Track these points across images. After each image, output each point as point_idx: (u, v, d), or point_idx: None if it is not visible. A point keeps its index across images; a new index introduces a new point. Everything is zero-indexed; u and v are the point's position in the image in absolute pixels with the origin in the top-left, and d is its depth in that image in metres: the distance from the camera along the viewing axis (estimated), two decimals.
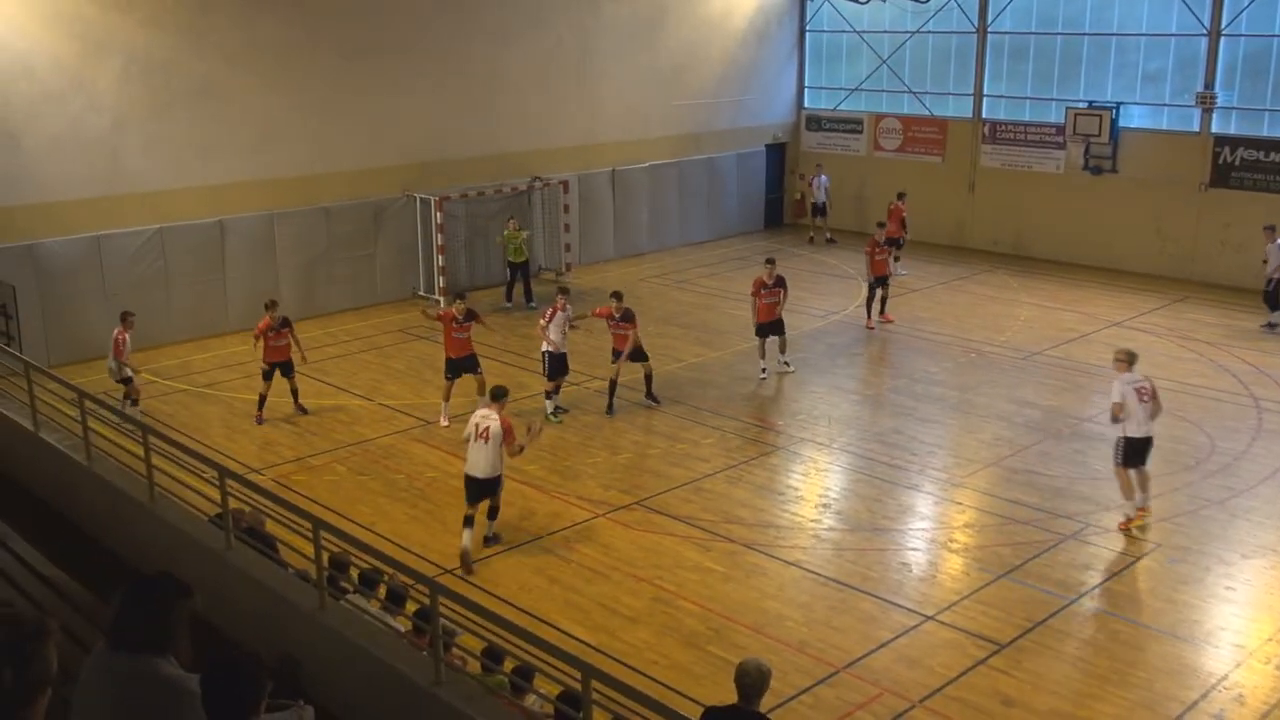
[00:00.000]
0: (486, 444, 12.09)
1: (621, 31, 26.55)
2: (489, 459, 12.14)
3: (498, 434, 12.07)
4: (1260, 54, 23.73)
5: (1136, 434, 12.83)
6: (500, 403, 12.40)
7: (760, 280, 18.37)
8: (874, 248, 21.10)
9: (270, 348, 16.42)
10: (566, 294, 17.30)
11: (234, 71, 20.57)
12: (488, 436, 12.08)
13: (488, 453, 12.11)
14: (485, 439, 12.09)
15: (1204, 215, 24.48)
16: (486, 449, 12.10)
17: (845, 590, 11.83)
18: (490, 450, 12.10)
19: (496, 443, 12.08)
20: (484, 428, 12.10)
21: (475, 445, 12.18)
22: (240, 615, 8.37)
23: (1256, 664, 10.49)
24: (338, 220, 22.33)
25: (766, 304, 18.24)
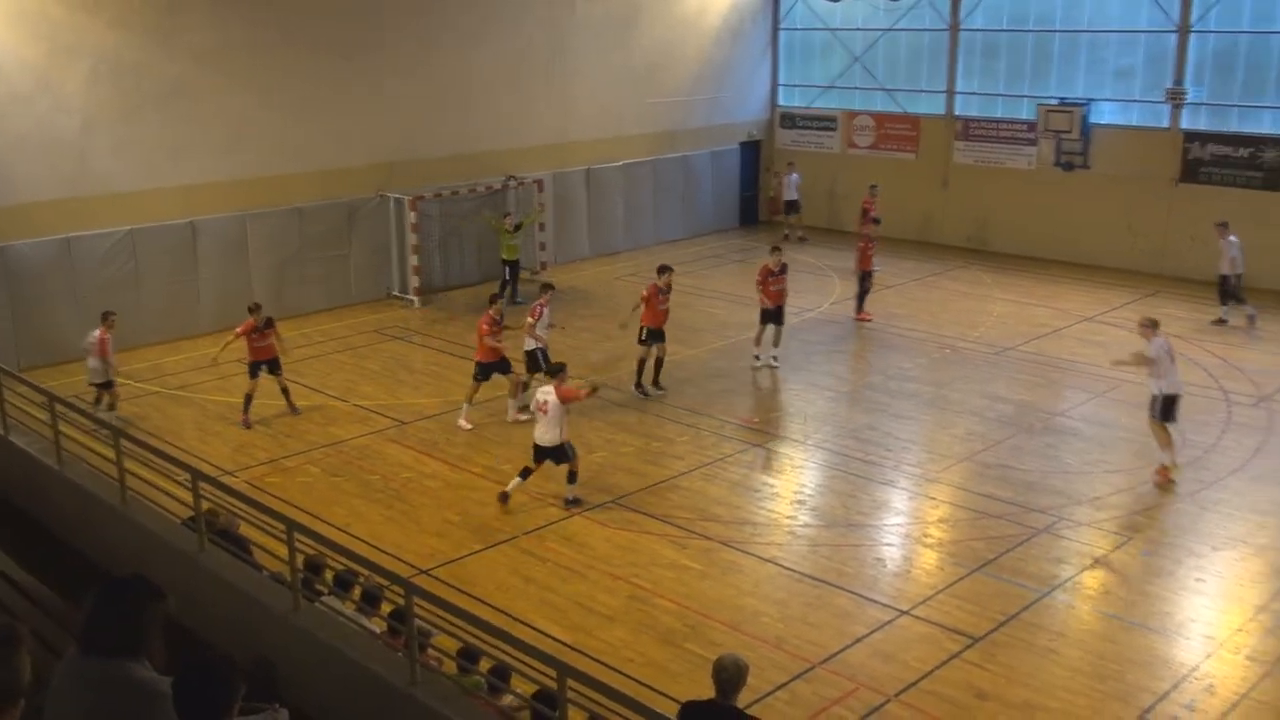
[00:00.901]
0: (546, 415, 13.33)
1: (595, 29, 26.54)
2: (551, 429, 13.35)
3: (556, 405, 13.28)
4: (1228, 50, 23.95)
5: (1171, 390, 14.19)
6: (559, 377, 13.60)
7: (767, 268, 18.70)
8: (867, 242, 21.46)
9: (254, 348, 16.42)
10: (551, 289, 17.40)
11: (205, 72, 20.44)
12: (547, 409, 13.32)
13: (549, 424, 13.34)
14: (545, 411, 13.34)
15: (1174, 210, 24.68)
16: (547, 420, 13.34)
17: (821, 586, 11.88)
18: (551, 421, 13.32)
19: (556, 413, 13.28)
20: (543, 401, 13.39)
21: (539, 417, 13.47)
22: (214, 618, 8.34)
23: (1226, 654, 10.60)
24: (311, 220, 22.23)
25: (775, 290, 18.60)
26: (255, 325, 16.36)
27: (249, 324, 16.38)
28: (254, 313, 16.49)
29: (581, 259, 26.61)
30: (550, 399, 13.35)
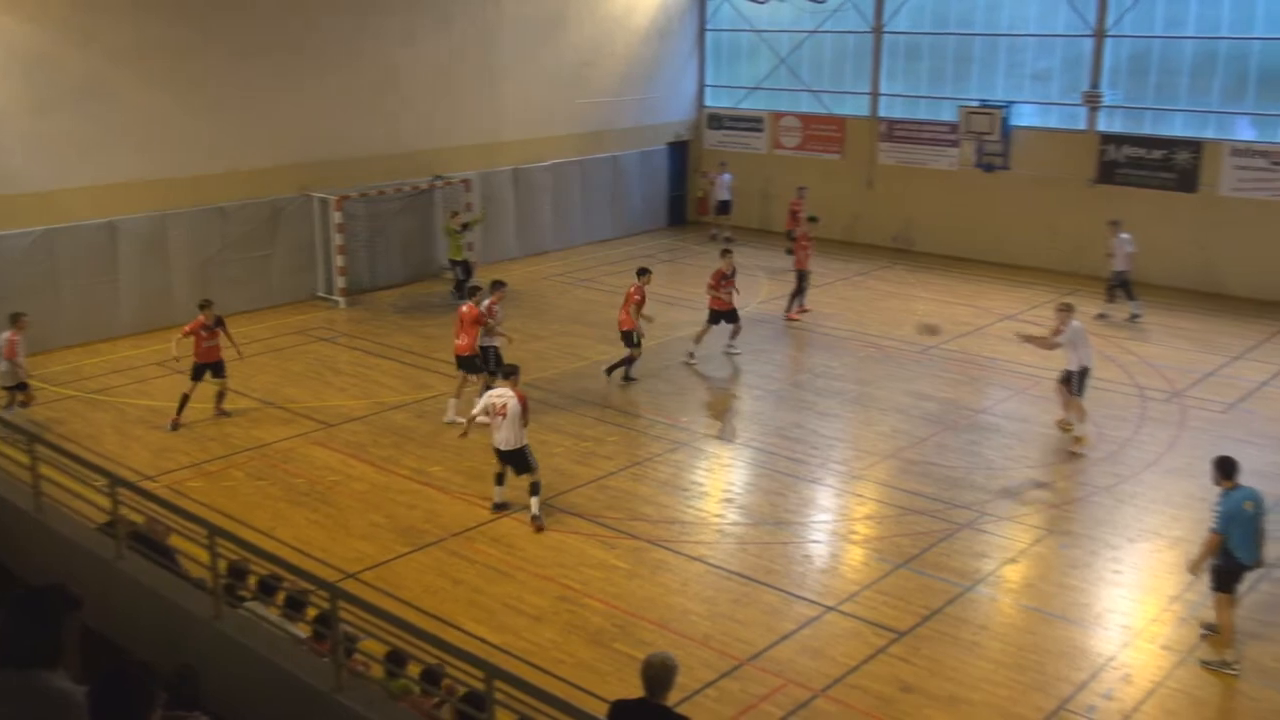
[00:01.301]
0: (505, 419, 12.98)
1: (524, 29, 26.46)
2: (512, 432, 13.04)
3: (515, 409, 12.96)
4: (1142, 54, 24.55)
5: (1086, 364, 15.40)
6: (514, 379, 13.30)
7: (721, 271, 19.07)
8: (806, 240, 21.92)
9: (203, 348, 16.15)
10: (503, 286, 17.39)
11: (123, 69, 20.04)
12: (505, 413, 12.96)
13: (508, 427, 13.02)
14: (504, 415, 12.97)
15: (1091, 210, 25.21)
16: (506, 424, 13.00)
17: (749, 584, 11.98)
18: (510, 424, 13.00)
19: (515, 417, 12.97)
20: (501, 405, 12.98)
21: (495, 421, 13.07)
22: (134, 626, 8.19)
23: (1143, 644, 10.88)
24: (233, 221, 21.88)
25: (727, 294, 19.06)
26: (205, 323, 16.12)
27: (199, 321, 16.14)
28: (204, 310, 16.23)
29: (510, 259, 26.51)
30: (510, 401, 13.00)
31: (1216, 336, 20.75)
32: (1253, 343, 20.34)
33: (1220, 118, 23.80)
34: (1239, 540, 10.30)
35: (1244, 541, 10.31)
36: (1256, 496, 10.44)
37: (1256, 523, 10.37)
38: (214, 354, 16.30)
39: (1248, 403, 17.24)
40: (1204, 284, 23.80)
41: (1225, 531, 10.27)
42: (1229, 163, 23.44)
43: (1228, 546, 10.33)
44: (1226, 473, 10.44)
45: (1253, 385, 18.06)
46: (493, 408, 13.09)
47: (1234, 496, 10.34)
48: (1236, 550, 10.32)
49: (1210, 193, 23.69)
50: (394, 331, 21.15)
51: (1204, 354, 19.66)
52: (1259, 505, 10.40)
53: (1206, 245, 23.84)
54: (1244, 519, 10.30)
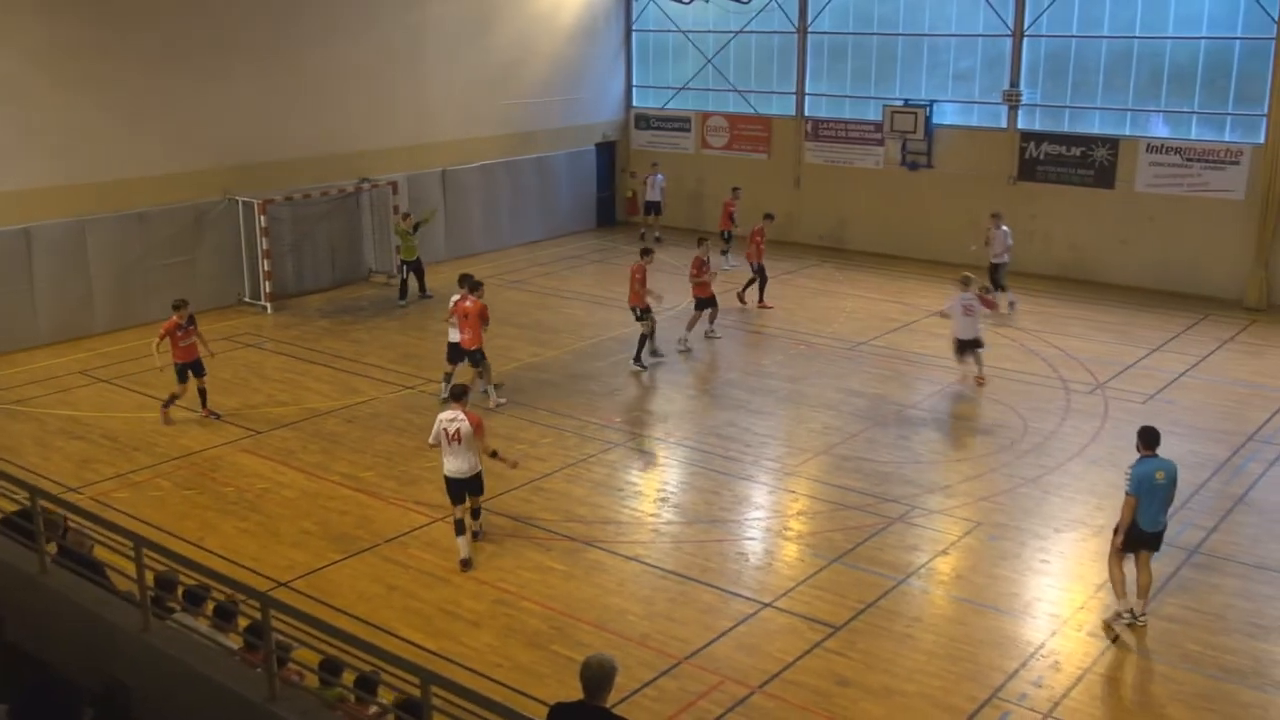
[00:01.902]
0: (460, 444, 12.05)
1: (449, 29, 26.29)
2: (466, 459, 12.14)
3: (469, 432, 12.04)
4: (1060, 54, 25.05)
5: (963, 335, 17.57)
6: (463, 401, 12.27)
7: (699, 258, 19.75)
8: (759, 235, 22.45)
9: (179, 348, 16.02)
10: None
11: (36, 72, 19.56)
12: (460, 437, 12.02)
13: (462, 453, 12.10)
14: (458, 440, 12.03)
15: (1013, 207, 25.64)
16: (461, 449, 12.07)
17: (685, 582, 12.02)
18: (465, 450, 12.09)
19: (469, 441, 12.07)
20: (454, 430, 12.02)
21: (449, 448, 12.10)
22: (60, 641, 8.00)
23: (1070, 631, 11.10)
24: (154, 226, 21.45)
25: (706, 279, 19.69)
26: (179, 323, 15.92)
27: (172, 322, 15.96)
28: (178, 310, 16.06)
29: (440, 261, 26.30)
30: (462, 426, 12.03)
31: (1136, 329, 21.23)
32: (1171, 334, 20.85)
33: (1135, 115, 24.36)
34: (1144, 506, 10.87)
35: (1147, 508, 10.89)
36: (1169, 469, 11.01)
37: (1163, 493, 10.96)
38: (192, 353, 16.19)
39: (1167, 393, 17.67)
40: (1122, 278, 24.35)
41: (1136, 494, 10.81)
42: (1144, 159, 24.01)
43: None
44: (1147, 442, 11.03)
45: (1171, 376, 18.51)
46: (444, 434, 12.09)
47: (1148, 464, 10.91)
48: (1139, 515, 10.89)
49: (1127, 188, 24.24)
50: (322, 336, 20.90)
51: (1125, 346, 20.11)
52: (1169, 477, 10.98)
53: (1127, 240, 24.39)
54: (1152, 486, 10.86)
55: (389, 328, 21.47)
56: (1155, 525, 11.00)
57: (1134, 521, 10.91)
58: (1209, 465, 14.90)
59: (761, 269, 22.57)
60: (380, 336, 20.85)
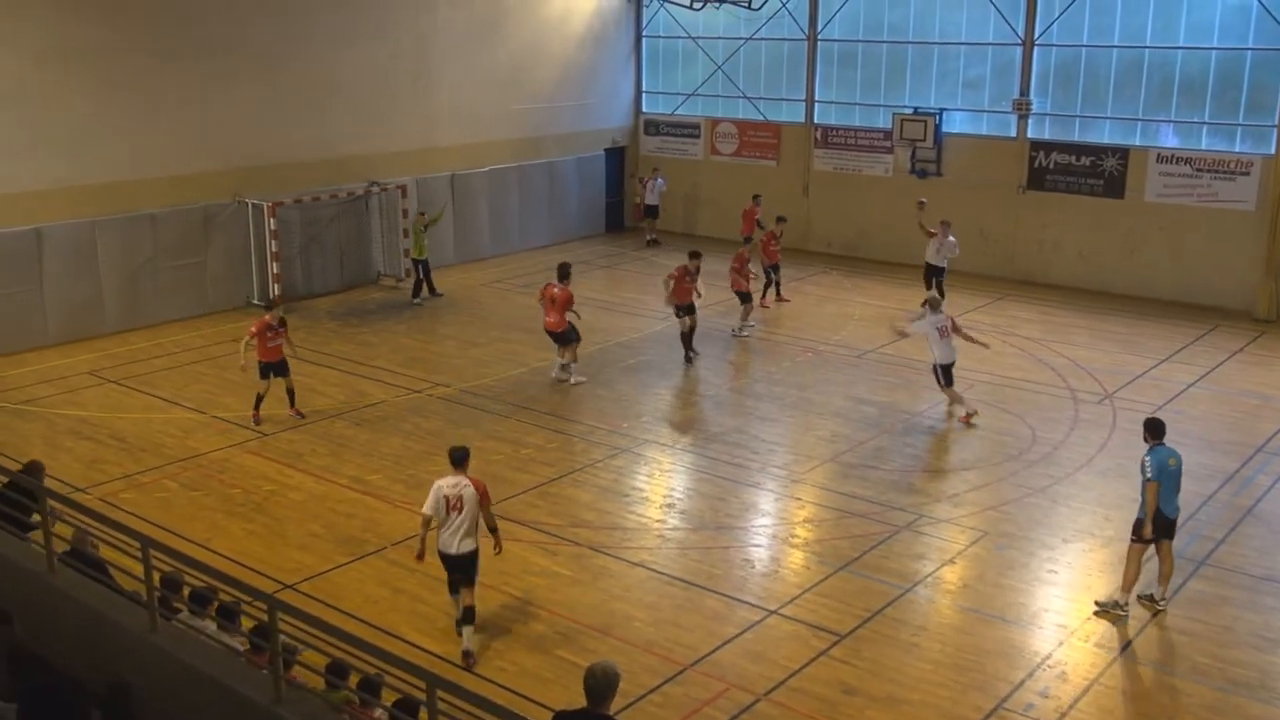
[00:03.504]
0: (460, 514, 10.43)
1: (459, 34, 26.33)
2: (464, 536, 10.50)
3: (473, 499, 10.45)
4: (1070, 63, 25.01)
5: (945, 360, 16.60)
6: (464, 467, 10.68)
7: (743, 255, 21.04)
8: (770, 239, 22.98)
9: (266, 348, 16.12)
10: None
11: (48, 73, 19.62)
12: (461, 506, 10.43)
13: (463, 528, 10.48)
14: (459, 509, 10.43)
15: (1022, 216, 25.68)
16: (460, 520, 10.45)
17: (691, 589, 12.00)
18: (465, 523, 10.47)
19: (473, 509, 10.47)
20: (456, 497, 10.42)
21: (449, 517, 10.46)
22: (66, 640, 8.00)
23: (1078, 642, 11.06)
24: (164, 227, 21.50)
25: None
26: (270, 324, 16.06)
27: (263, 322, 16.11)
28: (270, 310, 16.27)
29: (447, 265, 26.33)
30: (465, 493, 10.43)
31: (1145, 339, 21.18)
32: (1180, 345, 20.79)
33: (1145, 125, 24.32)
34: (1163, 492, 11.19)
35: (1166, 494, 11.23)
36: (1178, 456, 11.39)
37: (1177, 479, 11.32)
38: (277, 353, 16.27)
39: (1176, 404, 17.60)
40: (1132, 288, 24.29)
41: (1159, 479, 11.10)
42: (1154, 169, 23.95)
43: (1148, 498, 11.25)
44: (1156, 433, 11.37)
45: (1180, 387, 18.46)
46: (444, 501, 10.46)
47: (1161, 451, 11.26)
48: (1160, 502, 11.20)
49: (1137, 198, 24.20)
50: (330, 339, 20.92)
51: (1133, 357, 20.06)
52: (1179, 463, 11.35)
53: (1135, 250, 24.35)
54: (1169, 473, 11.20)
55: (397, 331, 21.48)
56: (1174, 510, 11.36)
57: (1157, 509, 11.16)
58: (1218, 477, 14.84)
59: (775, 268, 23.25)
60: (389, 340, 20.86)
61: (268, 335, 16.16)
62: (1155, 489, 11.10)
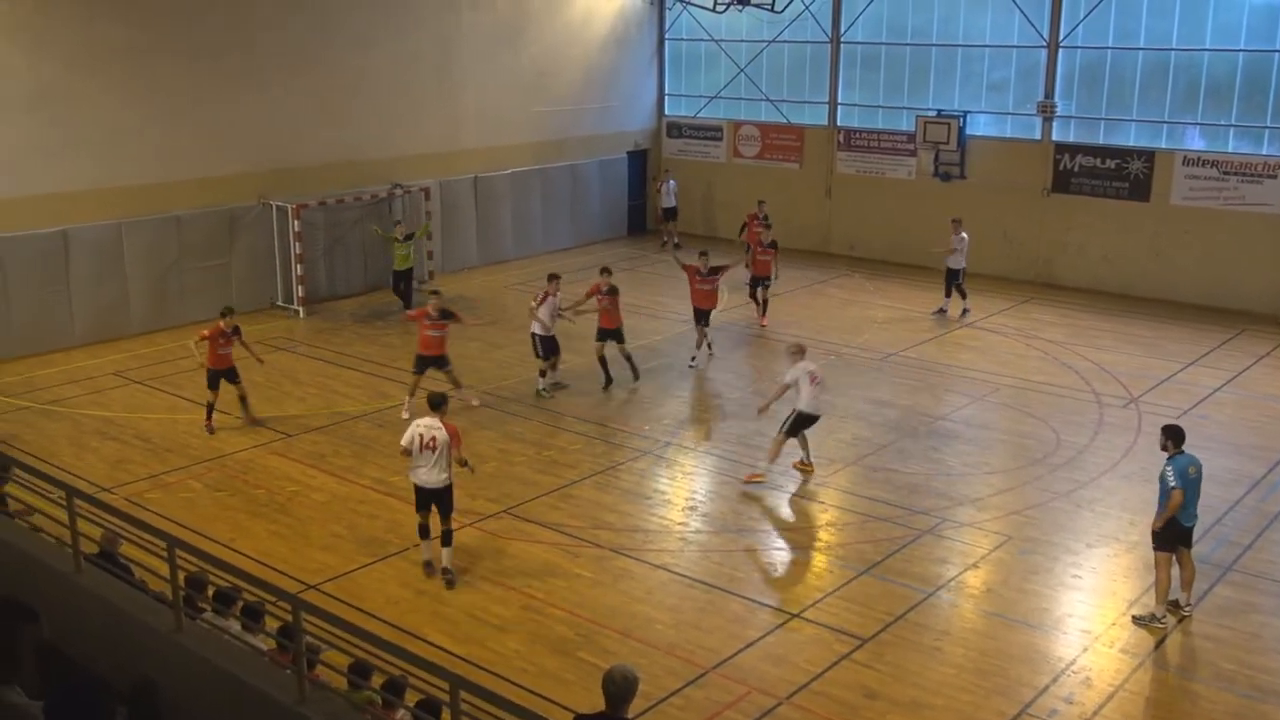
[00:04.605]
0: (435, 453, 11.84)
1: (483, 37, 26.41)
2: (437, 470, 11.91)
3: (445, 442, 11.86)
4: (1095, 65, 24.88)
5: (809, 410, 14.79)
6: (441, 410, 12.06)
7: (695, 268, 19.57)
8: (759, 248, 22.10)
9: (217, 354, 16.09)
10: (557, 279, 18.03)
11: (76, 76, 19.80)
12: (435, 446, 11.84)
13: (436, 463, 11.88)
14: (433, 448, 11.84)
15: (1046, 219, 25.55)
16: (434, 458, 11.86)
17: (713, 591, 11.98)
18: (439, 460, 11.89)
19: (445, 450, 11.87)
20: (430, 437, 11.84)
21: (423, 455, 11.88)
22: (92, 639, 8.05)
23: (1102, 648, 10.99)
24: (189, 229, 21.64)
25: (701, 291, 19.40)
26: (223, 330, 16.04)
27: (217, 328, 16.07)
28: (225, 317, 16.19)
29: (470, 268, 26.43)
30: (438, 434, 11.87)
31: (1170, 343, 21.03)
32: (1205, 349, 20.64)
33: (1171, 128, 24.16)
34: (1183, 501, 11.10)
35: (1186, 503, 11.16)
36: (1198, 463, 11.33)
37: (1197, 487, 11.27)
38: (227, 361, 16.23)
39: (1201, 408, 17.48)
40: (1157, 291, 24.14)
41: (1183, 487, 11.02)
42: (1180, 172, 23.80)
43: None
44: (1176, 440, 11.29)
45: (1206, 391, 18.32)
46: (418, 439, 11.86)
47: (1181, 460, 11.19)
48: (1179, 511, 11.13)
49: (1163, 201, 24.03)
50: (354, 341, 21.01)
51: (1159, 360, 19.93)
52: (1199, 471, 11.28)
53: (1161, 253, 24.19)
54: (1189, 481, 11.13)
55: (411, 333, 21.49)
56: (1191, 519, 11.31)
57: (1174, 519, 11.11)
58: (1244, 482, 14.72)
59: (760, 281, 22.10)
60: (411, 341, 20.82)
61: (219, 342, 16.08)
62: (1180, 497, 11.02)
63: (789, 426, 14.72)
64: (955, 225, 22.72)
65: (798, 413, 14.72)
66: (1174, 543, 11.26)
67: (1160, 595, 11.33)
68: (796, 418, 14.71)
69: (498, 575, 12.23)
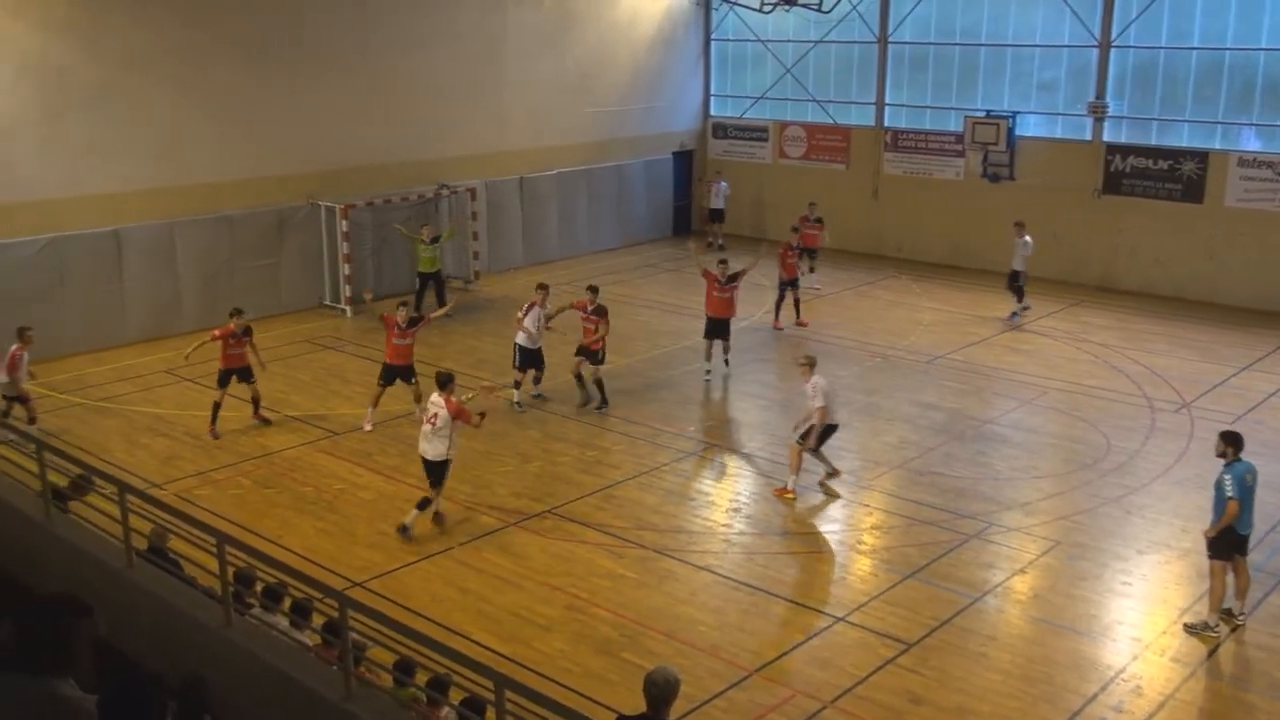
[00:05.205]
0: (433, 429, 12.82)
1: (528, 38, 26.50)
2: (437, 443, 12.88)
3: (445, 419, 12.74)
4: (1148, 65, 24.55)
5: (834, 420, 14.33)
6: (447, 390, 12.90)
7: (714, 276, 18.66)
8: (786, 251, 21.80)
9: (228, 355, 16.21)
10: (545, 290, 17.70)
11: (131, 76, 20.08)
12: (435, 422, 12.80)
13: (435, 437, 12.86)
14: (433, 424, 12.82)
15: (1097, 221, 25.23)
16: (434, 432, 12.84)
17: (757, 594, 11.94)
18: (439, 434, 12.82)
19: (444, 427, 12.76)
20: (432, 414, 12.89)
21: (424, 430, 12.99)
22: (144, 634, 8.16)
23: (1152, 656, 10.83)
24: (240, 229, 21.90)
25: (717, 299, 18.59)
26: (233, 331, 16.16)
27: (227, 329, 16.19)
28: (234, 318, 16.30)
29: (515, 268, 26.52)
30: (440, 411, 12.80)
31: (1223, 347, 20.70)
32: (1260, 353, 20.29)
33: (1226, 128, 23.79)
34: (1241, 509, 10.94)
35: (1243, 512, 10.98)
36: (1255, 470, 11.18)
37: (1254, 495, 11.11)
38: (239, 360, 16.34)
39: (1256, 414, 17.18)
40: (1210, 294, 23.77)
41: (1241, 498, 10.83)
42: (1235, 173, 23.42)
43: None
44: (1236, 446, 11.08)
45: (1261, 396, 18.01)
46: (426, 414, 13.18)
47: (1239, 468, 10.99)
48: (1236, 520, 10.95)
49: (1216, 203, 23.66)
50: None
51: (1212, 365, 19.62)
52: (1255, 479, 11.15)
53: (1214, 255, 23.82)
54: (1247, 489, 10.95)
55: (464, 332, 21.64)
56: (1247, 528, 11.13)
57: (1230, 528, 10.93)
58: None
59: (791, 284, 21.87)
60: (456, 341, 21.03)
61: (230, 342, 16.16)
62: (1237, 508, 10.85)
63: (817, 439, 14.21)
64: (1019, 228, 22.49)
65: (825, 427, 14.25)
66: (1230, 551, 11.07)
67: (1214, 603, 11.15)
68: (825, 429, 14.25)
69: (542, 575, 12.26)
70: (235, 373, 16.33)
